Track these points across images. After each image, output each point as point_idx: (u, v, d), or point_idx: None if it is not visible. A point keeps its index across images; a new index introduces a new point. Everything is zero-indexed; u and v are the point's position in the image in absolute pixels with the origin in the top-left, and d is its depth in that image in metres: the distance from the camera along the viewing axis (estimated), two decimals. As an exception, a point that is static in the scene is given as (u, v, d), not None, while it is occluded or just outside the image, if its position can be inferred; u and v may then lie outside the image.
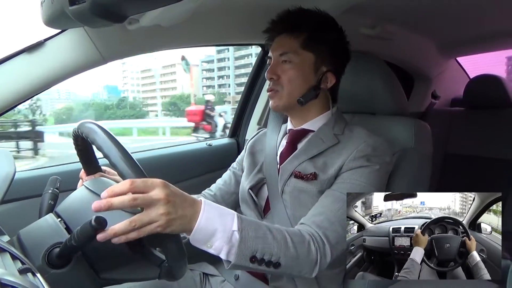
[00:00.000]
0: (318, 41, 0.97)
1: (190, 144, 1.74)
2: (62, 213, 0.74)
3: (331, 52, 0.99)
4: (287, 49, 0.98)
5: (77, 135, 0.74)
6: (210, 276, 1.08)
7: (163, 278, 0.70)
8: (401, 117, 1.16)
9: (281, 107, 1.00)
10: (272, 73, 0.99)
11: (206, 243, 0.70)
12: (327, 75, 0.99)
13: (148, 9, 0.84)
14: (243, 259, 0.72)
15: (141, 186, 0.62)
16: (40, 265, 0.63)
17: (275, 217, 0.96)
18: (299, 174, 0.95)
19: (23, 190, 1.14)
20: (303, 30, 0.97)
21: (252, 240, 0.72)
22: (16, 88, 0.95)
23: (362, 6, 1.21)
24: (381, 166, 0.91)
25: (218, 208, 0.72)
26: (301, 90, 0.97)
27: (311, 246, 0.79)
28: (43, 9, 0.82)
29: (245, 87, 1.79)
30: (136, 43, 1.06)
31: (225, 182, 1.18)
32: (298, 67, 0.97)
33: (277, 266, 0.75)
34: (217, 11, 1.14)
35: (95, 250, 0.66)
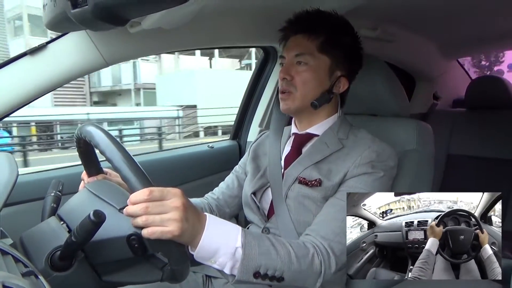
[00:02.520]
0: (334, 44, 0.96)
1: (191, 147, 1.74)
2: (64, 216, 0.74)
3: (346, 57, 0.98)
4: (303, 50, 0.96)
5: (79, 137, 0.74)
6: (213, 278, 1.07)
7: (165, 281, 0.69)
8: (403, 119, 1.16)
9: (293, 110, 0.99)
10: (286, 73, 0.97)
11: (210, 259, 0.70)
12: (340, 80, 0.98)
13: (150, 12, 0.84)
14: (246, 275, 0.72)
15: (157, 195, 0.62)
16: (43, 268, 0.63)
17: (279, 221, 0.96)
18: (304, 180, 0.94)
19: (25, 193, 1.14)
20: (321, 33, 0.96)
21: (256, 256, 0.72)
22: (18, 91, 0.95)
23: (364, 7, 1.21)
24: (385, 173, 0.91)
25: (222, 224, 0.72)
26: (315, 93, 0.96)
27: (315, 259, 0.79)
28: (46, 12, 0.83)
29: (246, 90, 1.79)
30: (138, 46, 1.06)
31: (228, 186, 1.18)
32: (313, 69, 0.96)
33: (281, 280, 0.75)
34: (219, 14, 1.14)
35: (97, 253, 0.66)
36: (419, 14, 1.43)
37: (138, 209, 0.61)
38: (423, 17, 1.48)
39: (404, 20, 1.49)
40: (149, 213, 0.61)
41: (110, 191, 0.76)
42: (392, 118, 1.17)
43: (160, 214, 0.62)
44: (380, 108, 1.19)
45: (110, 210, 0.68)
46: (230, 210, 1.17)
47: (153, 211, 0.61)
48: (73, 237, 0.60)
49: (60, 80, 0.98)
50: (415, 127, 1.10)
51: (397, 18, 1.46)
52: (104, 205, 0.71)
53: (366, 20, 1.40)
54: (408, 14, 1.42)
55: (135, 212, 0.61)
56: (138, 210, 0.61)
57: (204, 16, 1.07)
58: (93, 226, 0.60)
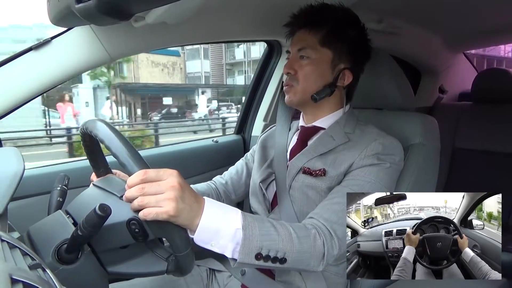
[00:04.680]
0: (337, 37, 0.97)
1: (196, 141, 1.75)
2: (71, 211, 0.75)
3: (350, 49, 0.98)
4: (305, 44, 0.97)
5: (85, 132, 0.74)
6: (217, 271, 1.08)
7: (170, 273, 0.70)
8: (409, 112, 1.15)
9: (295, 102, 1.00)
10: (289, 67, 0.99)
11: (210, 241, 0.69)
12: (344, 73, 0.98)
13: (154, 7, 0.84)
14: (248, 257, 0.71)
15: (153, 176, 0.62)
16: (50, 261, 0.63)
17: (282, 212, 0.96)
18: (308, 170, 0.95)
19: (32, 187, 1.15)
20: (323, 26, 0.96)
21: (256, 237, 0.72)
22: (23, 86, 0.96)
23: (369, 0, 1.20)
24: (391, 165, 0.90)
25: (221, 207, 0.72)
26: (316, 86, 0.97)
27: (317, 240, 0.78)
28: (50, 7, 0.83)
29: (250, 84, 1.79)
30: (142, 40, 1.06)
31: (237, 172, 1.20)
32: (315, 63, 0.97)
33: (283, 261, 0.75)
34: (223, 8, 1.13)
35: (100, 240, 0.67)
36: (425, 6, 1.42)
37: (135, 191, 0.61)
38: (429, 10, 1.47)
39: (409, 13, 1.48)
40: (144, 194, 0.61)
41: (113, 183, 0.76)
42: (397, 112, 1.17)
43: (155, 195, 0.61)
44: (385, 102, 1.18)
45: (112, 199, 0.69)
46: (236, 197, 1.19)
47: (149, 191, 0.61)
48: (79, 230, 0.61)
49: (65, 75, 0.99)
50: (421, 121, 1.09)
51: (402, 11, 1.45)
52: (107, 195, 0.71)
53: (372, 13, 1.39)
54: (414, 6, 1.41)
55: (132, 195, 0.61)
56: (134, 193, 0.61)
57: (208, 11, 1.07)
58: (99, 220, 0.60)
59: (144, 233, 0.66)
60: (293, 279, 0.94)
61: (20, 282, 0.36)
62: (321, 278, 0.93)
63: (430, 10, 1.47)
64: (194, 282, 1.04)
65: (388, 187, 0.89)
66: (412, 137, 1.07)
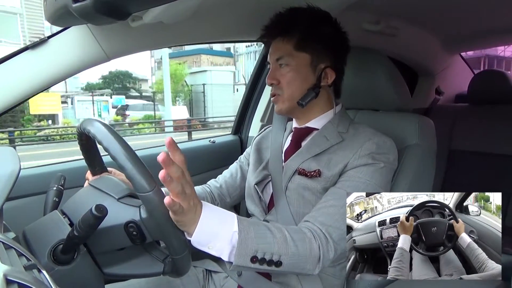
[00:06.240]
0: (311, 40, 0.96)
1: (193, 142, 1.74)
2: (67, 211, 0.74)
3: (326, 48, 0.98)
4: (282, 53, 0.97)
5: (81, 132, 0.74)
6: (213, 272, 1.08)
7: (167, 274, 0.70)
8: (405, 113, 1.15)
9: (284, 111, 1.01)
10: (271, 78, 0.99)
11: (207, 244, 0.70)
12: (326, 71, 0.98)
13: (151, 6, 0.84)
14: (244, 260, 0.72)
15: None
16: (46, 262, 0.63)
17: (279, 214, 0.96)
18: (303, 172, 0.95)
19: (28, 187, 1.14)
20: (295, 32, 0.96)
21: (252, 240, 0.72)
22: (19, 85, 0.95)
23: (366, 1, 1.20)
24: (385, 164, 0.90)
25: (218, 210, 0.73)
26: (301, 91, 0.96)
27: (313, 243, 0.79)
28: (47, 6, 0.82)
29: (248, 84, 1.79)
30: (139, 40, 1.06)
31: (232, 175, 1.19)
32: (295, 69, 0.96)
33: (279, 264, 0.75)
34: (220, 8, 1.13)
35: (97, 242, 0.66)
36: (422, 8, 1.42)
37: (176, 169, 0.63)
38: (426, 11, 1.47)
39: (406, 14, 1.48)
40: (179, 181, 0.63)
41: (110, 184, 0.76)
42: (394, 113, 1.17)
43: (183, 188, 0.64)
44: (382, 103, 1.18)
45: (109, 200, 0.69)
46: (231, 200, 1.18)
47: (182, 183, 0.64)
48: (75, 231, 0.61)
49: (61, 74, 0.98)
50: (417, 122, 1.09)
51: (399, 12, 1.45)
52: (104, 196, 0.71)
53: (369, 14, 1.40)
54: (411, 7, 1.41)
55: (173, 172, 0.63)
56: (175, 171, 0.63)
57: (205, 10, 1.07)
58: (95, 220, 0.60)
59: (142, 236, 0.66)
60: (289, 280, 0.94)
61: (15, 283, 0.36)
62: (318, 279, 0.93)
63: (427, 11, 1.47)
64: (191, 282, 1.03)
65: (383, 187, 0.89)
66: (409, 138, 1.08)
